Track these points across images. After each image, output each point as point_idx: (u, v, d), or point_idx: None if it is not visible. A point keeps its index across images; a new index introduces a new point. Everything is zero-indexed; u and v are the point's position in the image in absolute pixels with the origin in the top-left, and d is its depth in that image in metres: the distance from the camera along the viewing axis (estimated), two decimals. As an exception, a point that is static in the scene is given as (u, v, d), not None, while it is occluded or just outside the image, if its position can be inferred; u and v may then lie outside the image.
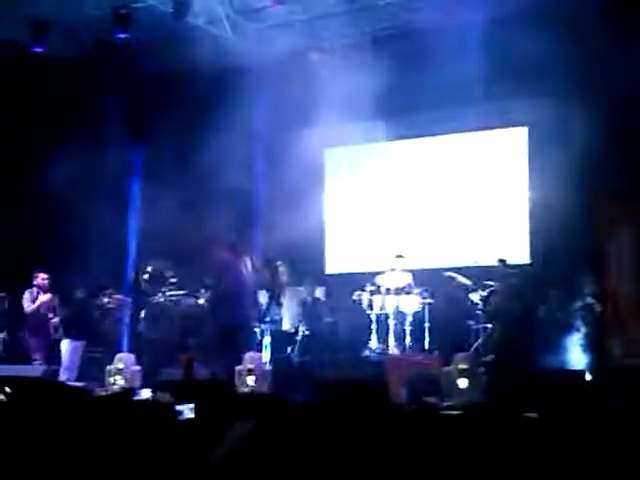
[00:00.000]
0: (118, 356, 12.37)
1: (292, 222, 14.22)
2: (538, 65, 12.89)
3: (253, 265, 13.47)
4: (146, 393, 10.63)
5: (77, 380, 11.67)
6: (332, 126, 15.79)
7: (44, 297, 12.62)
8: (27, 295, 12.65)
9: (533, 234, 14.29)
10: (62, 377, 11.84)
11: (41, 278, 12.76)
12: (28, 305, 12.60)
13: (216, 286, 12.07)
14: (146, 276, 13.65)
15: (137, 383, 12.01)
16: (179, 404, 8.24)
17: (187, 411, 5.06)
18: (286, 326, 13.63)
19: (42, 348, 12.50)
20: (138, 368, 12.28)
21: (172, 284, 13.64)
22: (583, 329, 11.83)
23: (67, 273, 12.77)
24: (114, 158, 17.49)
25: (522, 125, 14.66)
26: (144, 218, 15.39)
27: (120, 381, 12.01)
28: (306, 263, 14.82)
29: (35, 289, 12.73)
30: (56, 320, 12.70)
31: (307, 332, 13.36)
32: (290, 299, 13.78)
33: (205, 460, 3.06)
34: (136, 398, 8.63)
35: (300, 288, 13.81)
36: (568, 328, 11.87)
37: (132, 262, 14.99)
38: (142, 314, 13.62)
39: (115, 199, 17.13)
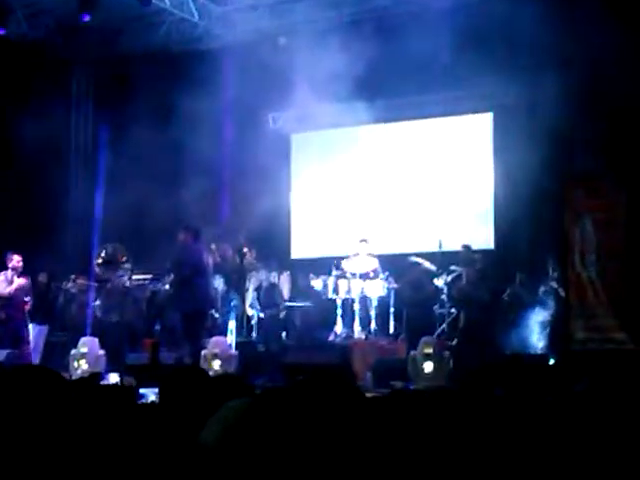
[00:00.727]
0: (82, 340, 12.29)
1: (258, 207, 14.21)
2: (503, 48, 12.95)
3: (218, 250, 13.46)
4: (114, 378, 10.60)
5: (40, 364, 11.56)
6: (298, 110, 15.79)
7: (20, 280, 12.20)
8: (1, 277, 12.19)
9: (498, 220, 14.37)
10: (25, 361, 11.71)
11: (16, 260, 12.23)
12: (4, 288, 12.16)
13: (177, 271, 11.98)
14: (99, 260, 13.54)
15: (101, 367, 11.94)
16: (144, 388, 8.22)
17: (152, 395, 5.04)
18: (248, 311, 13.66)
19: (17, 332, 12.12)
20: (102, 352, 12.21)
21: (126, 266, 13.49)
22: (547, 314, 11.95)
23: (30, 256, 12.58)
24: (79, 139, 17.41)
25: (487, 111, 14.71)
26: (110, 200, 15.28)
27: (84, 365, 11.94)
28: (272, 247, 14.81)
29: (10, 271, 12.22)
30: (30, 304, 12.36)
31: (261, 317, 13.40)
32: (252, 284, 13.78)
33: (171, 441, 3.05)
34: (103, 383, 8.62)
35: (259, 273, 13.80)
36: (532, 313, 11.99)
37: (97, 244, 14.88)
38: (99, 298, 13.52)
39: (81, 181, 17.05)
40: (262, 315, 13.48)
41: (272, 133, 16.25)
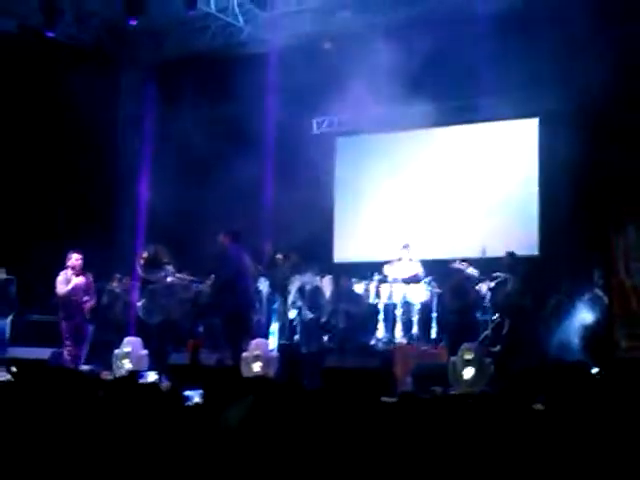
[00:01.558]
0: (126, 340, 12.42)
1: (302, 210, 14.28)
2: (552, 56, 12.88)
3: (260, 254, 13.54)
4: (152, 376, 10.69)
5: (85, 363, 11.71)
6: (343, 115, 15.85)
7: (78, 279, 12.01)
8: (61, 277, 11.92)
9: (542, 226, 14.28)
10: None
11: (75, 259, 11.98)
12: (61, 288, 11.88)
13: (218, 273, 12.05)
14: (142, 260, 13.63)
15: (144, 367, 12.05)
16: (185, 389, 8.30)
17: (196, 397, 5.07)
18: (292, 314, 13.66)
19: (75, 331, 12.06)
20: (145, 352, 12.32)
21: (168, 267, 13.55)
22: (590, 321, 11.82)
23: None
24: (127, 143, 17.61)
25: (533, 116, 14.62)
26: (156, 201, 15.43)
27: (127, 365, 12.06)
28: (315, 251, 14.84)
29: (69, 270, 11.97)
30: (91, 303, 12.23)
31: (304, 320, 13.37)
32: (294, 286, 13.80)
33: (212, 442, 3.09)
34: (142, 381, 8.69)
35: (303, 276, 13.81)
36: (576, 320, 11.87)
37: (141, 245, 15.03)
38: (142, 299, 13.60)
39: (127, 183, 17.24)
40: (305, 317, 13.45)
41: (316, 137, 16.31)
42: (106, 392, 3.55)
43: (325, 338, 13.40)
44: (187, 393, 4.59)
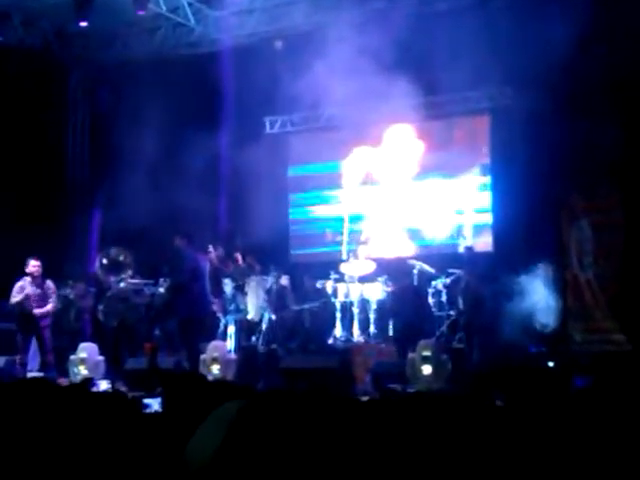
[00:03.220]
0: (81, 346, 12.29)
1: (257, 210, 14.22)
2: (501, 52, 12.96)
3: (218, 255, 13.45)
4: (104, 384, 10.59)
5: (40, 370, 11.56)
6: (294, 114, 15.85)
7: (29, 289, 11.70)
8: (17, 285, 11.75)
9: (495, 222, 14.41)
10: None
11: (32, 265, 11.77)
12: (13, 297, 11.70)
13: (173, 276, 11.98)
14: (103, 263, 13.50)
15: (100, 373, 11.94)
16: (146, 393, 8.23)
17: (155, 404, 5.01)
18: (251, 315, 13.60)
19: (29, 339, 11.85)
20: (101, 358, 12.20)
21: (129, 271, 13.45)
22: (545, 315, 11.95)
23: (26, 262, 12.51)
24: (76, 144, 17.41)
25: (485, 113, 14.73)
26: (107, 205, 15.30)
27: (84, 371, 11.93)
28: (271, 251, 14.81)
29: (28, 277, 11.78)
30: (51, 306, 11.94)
31: (272, 320, 13.32)
32: (255, 288, 13.74)
33: (178, 451, 3.05)
34: (95, 389, 8.60)
35: (266, 277, 13.77)
36: (531, 314, 11.98)
37: (94, 250, 14.88)
38: (101, 303, 13.48)
39: (77, 187, 17.05)
40: (269, 318, 13.36)
41: (269, 137, 16.28)
42: (58, 401, 3.48)
43: (284, 338, 13.37)
44: (146, 401, 4.51)
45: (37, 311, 11.76)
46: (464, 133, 14.97)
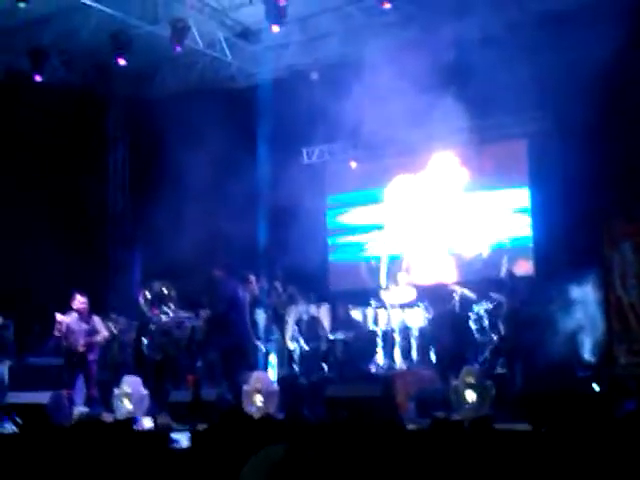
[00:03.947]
0: (125, 379, 12.34)
1: (296, 239, 14.29)
2: (537, 76, 12.95)
3: (260, 285, 13.53)
4: (147, 422, 10.62)
5: (85, 405, 11.64)
6: (334, 143, 15.95)
7: (70, 320, 11.85)
8: (60, 318, 11.81)
9: (537, 246, 14.32)
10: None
11: (79, 301, 11.94)
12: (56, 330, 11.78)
13: (213, 307, 12.02)
14: (147, 297, 13.63)
15: (145, 406, 11.98)
16: (187, 425, 8.25)
17: (184, 440, 4.95)
18: (289, 344, 13.64)
19: (74, 374, 11.97)
20: (145, 392, 12.25)
21: (174, 303, 13.58)
22: (590, 338, 11.82)
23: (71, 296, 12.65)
24: (117, 180, 17.66)
25: (521, 138, 14.69)
26: (148, 239, 15.47)
27: (128, 405, 11.96)
28: (310, 280, 14.84)
29: (74, 314, 11.94)
30: (101, 337, 12.07)
31: (304, 350, 13.33)
32: (291, 318, 13.79)
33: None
34: (137, 427, 8.63)
35: (298, 306, 13.80)
36: (575, 338, 11.86)
37: (136, 283, 15.03)
38: (145, 337, 13.60)
39: (119, 223, 17.26)
40: (305, 348, 13.43)
41: (306, 167, 16.39)
42: (103, 438, 3.53)
43: (325, 368, 13.37)
44: (174, 436, 4.44)
45: (86, 353, 11.83)
46: (502, 158, 14.92)
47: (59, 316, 11.89)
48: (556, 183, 13.15)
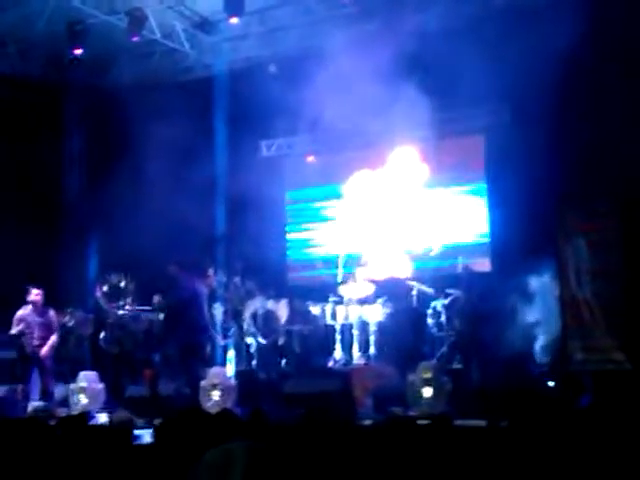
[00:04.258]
0: (81, 374, 12.24)
1: (254, 234, 14.25)
2: (496, 71, 13.03)
3: (218, 279, 13.46)
4: (103, 417, 10.54)
5: (40, 399, 11.51)
6: (290, 138, 15.90)
7: (29, 316, 11.72)
8: (18, 314, 11.74)
9: (494, 242, 14.43)
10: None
11: (34, 294, 11.77)
12: (15, 326, 11.67)
13: (170, 303, 11.93)
14: (104, 290, 13.52)
15: (101, 401, 11.90)
16: (145, 420, 8.20)
17: (147, 435, 4.95)
18: (248, 340, 13.61)
19: (30, 368, 11.81)
20: (101, 386, 12.16)
21: (132, 296, 13.48)
22: (545, 334, 11.94)
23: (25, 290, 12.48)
24: (72, 170, 17.44)
25: (479, 133, 14.76)
26: (103, 231, 15.33)
27: (84, 400, 11.88)
28: (269, 274, 14.81)
29: (30, 306, 11.77)
30: (53, 339, 11.89)
31: (260, 344, 13.29)
32: (248, 311, 13.77)
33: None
34: (93, 422, 8.56)
35: (254, 300, 13.76)
36: (530, 333, 11.97)
37: (92, 275, 14.89)
38: (102, 330, 13.48)
39: (73, 215, 17.06)
40: (262, 343, 13.38)
41: (265, 160, 16.33)
42: (54, 435, 3.48)
43: (282, 362, 13.36)
44: (137, 432, 4.44)
45: (41, 347, 11.68)
46: (460, 153, 14.98)
47: (18, 313, 11.75)
48: (513, 178, 13.24)
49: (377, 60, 12.97)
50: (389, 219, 15.33)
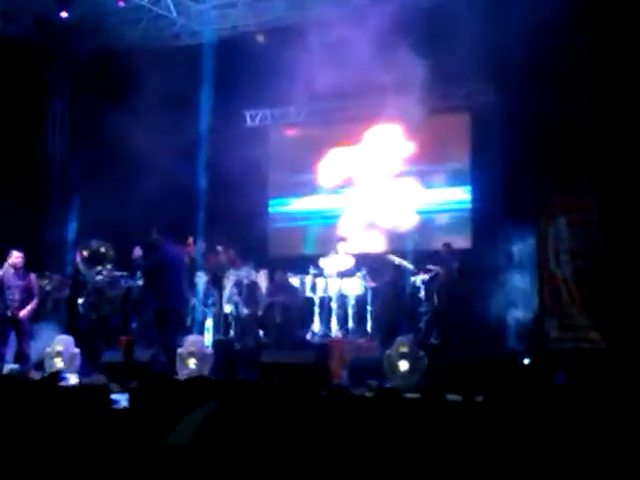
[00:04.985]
0: (57, 338, 12.20)
1: (236, 204, 14.20)
2: (481, 49, 12.98)
3: (198, 248, 13.42)
4: (73, 379, 10.52)
5: (15, 362, 11.48)
6: (276, 108, 15.82)
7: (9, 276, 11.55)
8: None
9: (474, 219, 14.44)
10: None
11: (15, 256, 11.62)
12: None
13: (148, 269, 11.82)
14: (85, 254, 13.44)
15: (76, 366, 11.87)
16: (120, 386, 8.18)
17: (123, 401, 4.95)
18: (226, 308, 13.58)
19: (5, 329, 11.74)
20: (77, 350, 12.13)
21: (111, 263, 13.40)
22: (522, 312, 11.99)
23: (4, 253, 12.41)
24: (56, 135, 17.32)
25: (464, 111, 14.74)
26: (85, 195, 15.24)
27: (59, 364, 11.85)
28: (250, 245, 14.77)
29: (11, 269, 11.60)
30: (34, 303, 11.77)
31: (241, 314, 13.24)
32: (230, 281, 13.73)
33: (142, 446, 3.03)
34: (63, 384, 8.54)
35: (239, 271, 13.71)
36: (507, 311, 12.02)
37: (71, 241, 14.81)
38: (80, 295, 13.41)
39: (57, 178, 16.96)
40: (242, 312, 13.31)
41: (249, 130, 16.25)
42: (25, 395, 3.45)
43: (261, 333, 13.35)
44: (114, 396, 4.44)
45: (20, 310, 11.60)
46: (443, 131, 14.96)
47: None
48: (496, 157, 13.24)
49: (364, 33, 12.91)
50: (369, 194, 15.32)
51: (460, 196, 14.71)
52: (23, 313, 11.60)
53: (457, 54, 12.41)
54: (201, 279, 13.57)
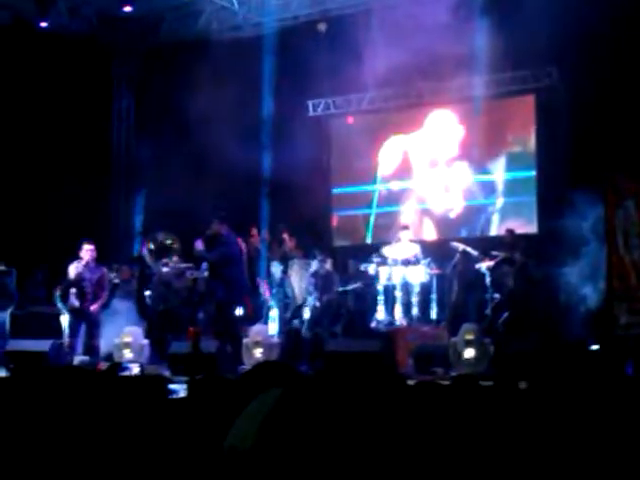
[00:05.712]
0: (126, 330, 12.39)
1: (299, 194, 14.22)
2: (546, 32, 12.77)
3: (263, 238, 13.49)
4: (135, 369, 10.64)
5: (85, 354, 11.67)
6: (338, 97, 15.79)
7: (83, 270, 11.76)
8: (71, 267, 11.76)
9: (540, 204, 14.23)
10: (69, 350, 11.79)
11: (86, 249, 11.78)
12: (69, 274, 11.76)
13: (211, 260, 11.88)
14: (152, 246, 13.61)
15: (145, 357, 12.04)
16: (185, 376, 8.27)
17: (182, 391, 4.97)
18: (298, 298, 13.59)
19: (77, 322, 11.93)
20: (146, 342, 12.30)
21: (177, 255, 13.54)
22: (590, 298, 11.78)
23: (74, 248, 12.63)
24: (121, 130, 17.57)
25: (529, 93, 14.52)
26: (150, 190, 15.44)
27: (128, 355, 12.04)
28: (314, 235, 14.80)
29: (83, 262, 11.78)
30: (104, 296, 11.96)
31: (317, 304, 13.23)
32: (298, 271, 13.75)
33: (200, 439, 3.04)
34: (125, 374, 8.64)
35: (309, 261, 13.73)
36: (575, 297, 11.83)
37: (138, 235, 15.01)
38: (149, 287, 13.61)
39: (122, 174, 17.20)
40: (317, 302, 13.26)
41: (312, 120, 16.25)
42: (87, 386, 3.48)
43: (326, 322, 13.33)
44: (172, 386, 4.48)
45: (92, 303, 11.78)
46: (508, 114, 14.78)
47: (72, 266, 11.83)
48: (562, 140, 13.03)
49: (426, 20, 12.81)
50: (430, 181, 15.22)
51: (524, 180, 14.50)
52: (94, 307, 11.77)
53: (522, 36, 12.25)
54: (276, 269, 13.62)
